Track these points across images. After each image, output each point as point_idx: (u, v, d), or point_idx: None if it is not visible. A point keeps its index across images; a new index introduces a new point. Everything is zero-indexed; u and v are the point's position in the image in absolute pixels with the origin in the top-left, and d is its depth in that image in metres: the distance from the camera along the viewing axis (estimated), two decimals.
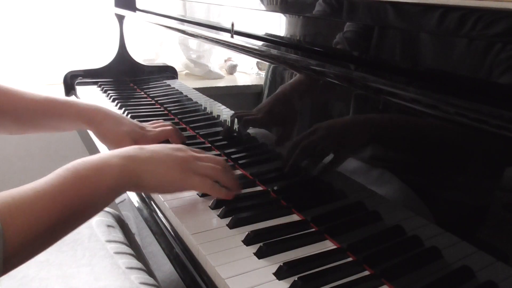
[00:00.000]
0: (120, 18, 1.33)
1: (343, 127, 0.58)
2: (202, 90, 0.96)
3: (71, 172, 0.53)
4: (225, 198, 0.65)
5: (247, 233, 0.57)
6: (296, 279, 0.49)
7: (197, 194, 0.68)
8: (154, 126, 0.86)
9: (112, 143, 0.81)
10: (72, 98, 0.97)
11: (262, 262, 0.53)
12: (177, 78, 1.12)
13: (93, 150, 0.94)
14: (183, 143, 0.86)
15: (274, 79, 0.71)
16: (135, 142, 0.79)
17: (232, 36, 0.79)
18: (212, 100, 0.89)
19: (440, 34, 0.45)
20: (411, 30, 0.49)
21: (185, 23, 1.00)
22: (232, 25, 0.80)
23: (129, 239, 0.83)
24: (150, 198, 0.71)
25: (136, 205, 0.71)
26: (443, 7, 0.44)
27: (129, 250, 0.77)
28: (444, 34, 0.45)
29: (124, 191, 0.59)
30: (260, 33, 0.76)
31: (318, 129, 0.62)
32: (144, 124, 0.86)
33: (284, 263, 0.51)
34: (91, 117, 0.81)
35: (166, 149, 0.63)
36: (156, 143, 0.82)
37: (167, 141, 0.83)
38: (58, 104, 0.80)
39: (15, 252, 0.45)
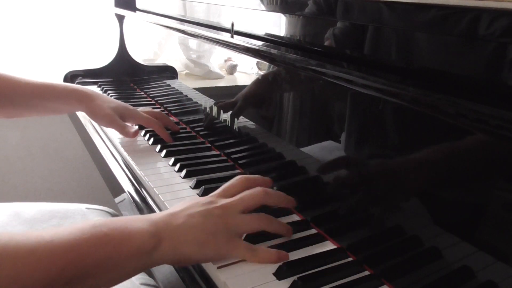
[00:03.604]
0: (120, 18, 1.33)
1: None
2: (202, 90, 0.96)
3: (90, 227, 0.46)
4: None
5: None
6: (296, 279, 0.48)
7: (197, 194, 0.68)
8: (143, 111, 0.92)
9: (101, 119, 0.87)
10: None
11: None
12: (177, 78, 1.12)
13: (94, 150, 0.94)
14: (175, 132, 0.92)
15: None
16: (123, 117, 0.86)
17: (232, 36, 0.79)
18: (212, 100, 0.89)
19: (440, 34, 0.45)
20: (410, 29, 0.49)
21: (185, 23, 1.00)
22: (232, 25, 0.80)
23: None
24: (150, 198, 0.71)
25: (136, 205, 0.71)
26: (445, 7, 0.44)
27: None
28: (444, 34, 0.45)
29: (155, 265, 0.49)
30: (260, 33, 0.76)
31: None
32: (135, 107, 0.92)
33: (283, 263, 0.51)
34: (82, 96, 0.86)
35: (200, 208, 0.52)
36: (143, 124, 0.90)
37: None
38: (54, 87, 0.85)
39: None
